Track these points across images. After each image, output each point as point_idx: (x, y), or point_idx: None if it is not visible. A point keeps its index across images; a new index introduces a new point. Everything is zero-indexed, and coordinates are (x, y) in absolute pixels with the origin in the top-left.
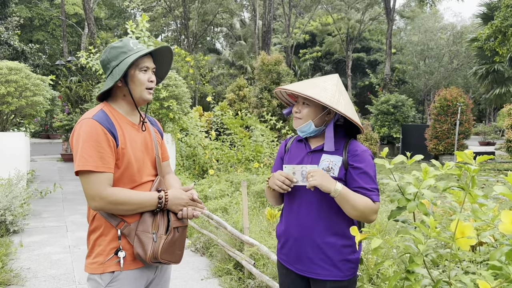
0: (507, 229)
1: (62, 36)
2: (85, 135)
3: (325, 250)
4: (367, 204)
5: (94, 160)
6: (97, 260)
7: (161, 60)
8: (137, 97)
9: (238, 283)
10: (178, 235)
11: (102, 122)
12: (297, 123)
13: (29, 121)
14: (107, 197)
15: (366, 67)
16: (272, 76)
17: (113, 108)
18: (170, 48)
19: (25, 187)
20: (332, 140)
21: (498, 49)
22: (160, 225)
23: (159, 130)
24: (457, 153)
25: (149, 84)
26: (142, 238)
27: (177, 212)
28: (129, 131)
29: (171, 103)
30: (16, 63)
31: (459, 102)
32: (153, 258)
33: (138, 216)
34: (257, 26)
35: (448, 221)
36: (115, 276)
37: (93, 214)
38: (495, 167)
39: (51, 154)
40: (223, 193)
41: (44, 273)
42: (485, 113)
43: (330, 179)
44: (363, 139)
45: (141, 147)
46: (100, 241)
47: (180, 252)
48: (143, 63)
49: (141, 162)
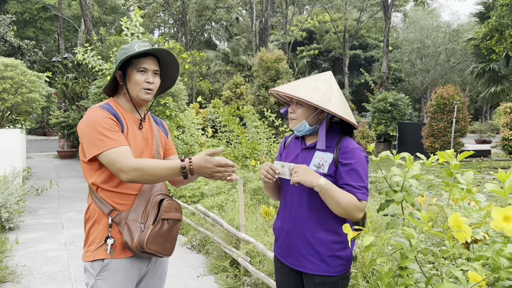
0: (497, 226)
1: (58, 32)
2: (95, 120)
3: (314, 245)
4: (351, 201)
5: (110, 139)
6: (90, 248)
7: (168, 66)
8: (134, 96)
9: (234, 280)
10: (168, 227)
11: (108, 109)
12: (292, 123)
13: (25, 118)
14: (133, 165)
15: (363, 64)
16: (270, 73)
17: (118, 104)
18: (172, 53)
19: (21, 184)
20: (323, 138)
21: (495, 47)
22: (149, 215)
23: (164, 129)
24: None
25: (145, 84)
26: (131, 226)
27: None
28: (131, 125)
29: (167, 101)
30: (12, 60)
31: (456, 100)
32: (139, 247)
33: (130, 205)
34: (254, 24)
35: (443, 218)
36: (105, 265)
37: (89, 203)
38: (491, 165)
39: (47, 151)
40: (220, 191)
41: (40, 270)
42: (481, 111)
43: (313, 174)
44: (360, 137)
45: (141, 140)
46: (94, 229)
47: (170, 245)
48: (141, 64)
49: (139, 154)
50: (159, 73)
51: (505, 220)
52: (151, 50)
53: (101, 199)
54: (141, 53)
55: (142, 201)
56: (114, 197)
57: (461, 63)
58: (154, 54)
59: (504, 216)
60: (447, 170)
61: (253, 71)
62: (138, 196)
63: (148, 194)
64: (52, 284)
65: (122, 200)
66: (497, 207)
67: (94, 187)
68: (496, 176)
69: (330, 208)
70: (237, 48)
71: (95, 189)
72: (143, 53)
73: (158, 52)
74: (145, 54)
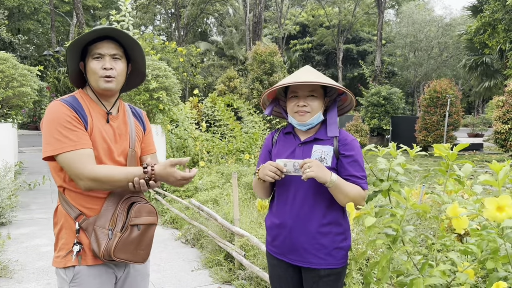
0: (491, 215)
1: (50, 26)
2: (54, 117)
3: (320, 239)
4: (358, 192)
5: (69, 139)
6: (60, 254)
7: (132, 48)
8: (94, 87)
9: (228, 274)
10: (139, 233)
11: (70, 104)
12: (305, 117)
13: (17, 112)
14: (89, 174)
15: (356, 58)
16: (265, 66)
17: (86, 95)
18: (126, 33)
19: (13, 178)
20: (337, 125)
21: (488, 41)
22: (118, 221)
23: (143, 123)
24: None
25: (102, 72)
26: (98, 233)
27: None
28: (99, 119)
29: (161, 94)
30: (3, 53)
31: (449, 94)
32: (107, 256)
33: (98, 210)
34: (248, 17)
35: (436, 212)
36: (77, 272)
37: (57, 205)
38: (483, 158)
39: (39, 145)
40: (214, 185)
41: (33, 266)
42: (474, 105)
43: (326, 170)
44: (353, 131)
45: (110, 136)
46: (62, 234)
47: (143, 251)
48: (95, 49)
49: (108, 152)
50: (122, 57)
51: (498, 210)
52: (97, 30)
53: (68, 201)
54: (96, 38)
55: (111, 205)
56: (81, 200)
57: (454, 57)
58: (112, 37)
59: (497, 206)
60: (444, 163)
61: (247, 64)
62: (107, 199)
63: (118, 198)
64: (45, 279)
65: (89, 203)
66: (490, 197)
67: (61, 189)
68: (490, 166)
69: (337, 200)
70: (231, 41)
71: (62, 191)
72: (97, 37)
73: (113, 33)
74: (101, 38)
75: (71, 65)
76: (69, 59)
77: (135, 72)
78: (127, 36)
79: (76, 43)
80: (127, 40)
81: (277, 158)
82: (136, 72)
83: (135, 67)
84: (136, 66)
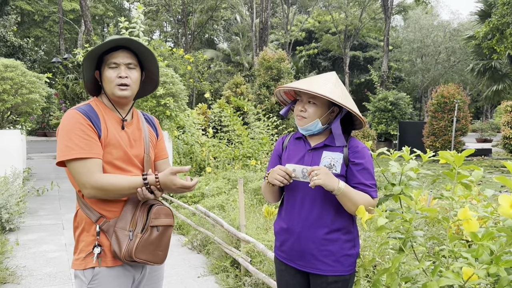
0: (505, 212)
1: (59, 33)
2: (68, 125)
3: (328, 246)
4: (367, 200)
5: (79, 147)
6: (80, 256)
7: (146, 57)
8: (110, 94)
9: (234, 281)
10: (158, 234)
11: (85, 113)
12: (302, 122)
13: (25, 118)
14: (95, 183)
15: (362, 64)
16: (272, 72)
17: (101, 102)
18: (141, 43)
19: (21, 185)
20: (341, 136)
21: (496, 47)
22: (138, 223)
23: (155, 129)
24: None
25: (118, 80)
26: (119, 235)
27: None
28: (115, 126)
29: (168, 101)
30: (12, 61)
31: (457, 98)
32: (128, 257)
33: (118, 212)
34: (254, 23)
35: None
36: (96, 273)
37: (77, 209)
38: (492, 164)
39: (47, 152)
40: (220, 191)
41: (40, 271)
42: (482, 110)
43: (333, 178)
44: (360, 136)
45: (126, 142)
46: (83, 236)
47: (162, 252)
48: (111, 59)
49: (125, 157)
50: (137, 66)
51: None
52: (114, 40)
53: (88, 205)
54: (111, 48)
55: (131, 207)
56: (102, 203)
57: (461, 62)
58: (127, 47)
59: (511, 203)
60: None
61: (254, 70)
62: (127, 202)
63: (137, 200)
64: (53, 285)
65: (109, 207)
66: (504, 194)
67: (81, 193)
68: (505, 164)
69: (345, 208)
70: (238, 47)
71: (81, 195)
72: (112, 47)
73: (128, 43)
74: (116, 48)
75: (87, 74)
76: (85, 68)
77: (148, 80)
78: (141, 46)
79: (92, 53)
80: (142, 49)
81: (287, 163)
82: (149, 80)
83: (148, 75)
84: (149, 75)
